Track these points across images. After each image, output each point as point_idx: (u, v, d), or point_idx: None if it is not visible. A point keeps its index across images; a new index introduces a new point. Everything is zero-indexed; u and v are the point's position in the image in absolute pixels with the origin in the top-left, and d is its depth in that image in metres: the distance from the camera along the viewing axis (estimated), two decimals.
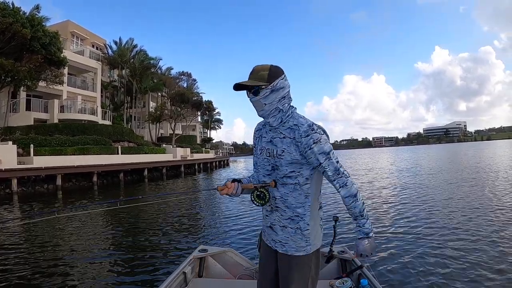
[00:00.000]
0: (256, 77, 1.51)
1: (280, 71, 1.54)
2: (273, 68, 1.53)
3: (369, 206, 9.07)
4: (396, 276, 4.09)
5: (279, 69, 1.54)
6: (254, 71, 1.53)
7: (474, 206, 8.20)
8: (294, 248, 1.57)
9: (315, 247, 1.59)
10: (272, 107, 1.53)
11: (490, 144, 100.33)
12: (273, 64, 1.55)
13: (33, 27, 17.55)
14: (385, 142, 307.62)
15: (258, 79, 1.51)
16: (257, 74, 1.51)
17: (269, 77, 1.50)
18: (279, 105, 1.54)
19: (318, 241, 1.62)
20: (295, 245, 1.57)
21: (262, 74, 1.51)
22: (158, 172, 24.36)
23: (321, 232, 1.65)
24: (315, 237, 1.60)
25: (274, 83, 1.51)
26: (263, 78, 1.50)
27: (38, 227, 7.80)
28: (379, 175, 18.86)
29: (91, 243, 6.18)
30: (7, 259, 5.33)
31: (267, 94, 1.51)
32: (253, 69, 1.54)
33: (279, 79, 1.52)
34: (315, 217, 1.60)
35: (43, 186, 15.97)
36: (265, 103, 1.53)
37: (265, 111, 1.55)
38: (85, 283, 4.19)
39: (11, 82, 18.09)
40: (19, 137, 17.37)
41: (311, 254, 1.58)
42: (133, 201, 9.52)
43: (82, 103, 26.80)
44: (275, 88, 1.51)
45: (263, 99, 1.52)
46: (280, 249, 1.62)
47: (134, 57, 34.12)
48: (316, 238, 1.60)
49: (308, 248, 1.57)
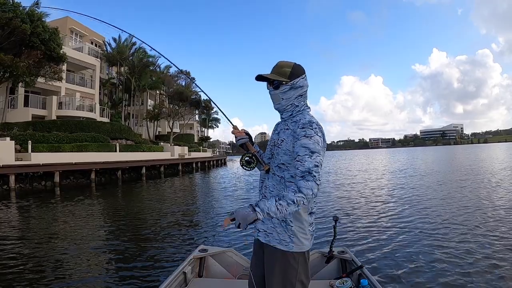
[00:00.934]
0: (279, 72, 1.59)
1: (301, 71, 1.62)
2: (296, 66, 1.61)
3: (369, 205, 9.14)
4: (396, 276, 4.11)
5: (301, 69, 1.62)
6: (278, 66, 1.61)
7: (474, 206, 8.28)
8: (277, 240, 1.57)
9: (299, 248, 1.56)
10: (289, 102, 1.62)
11: (486, 147, 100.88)
12: (296, 63, 1.62)
13: (32, 23, 17.51)
14: (382, 144, 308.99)
15: (280, 74, 1.59)
16: (280, 70, 1.59)
17: (291, 74, 1.58)
18: (295, 102, 1.62)
19: (304, 244, 1.57)
20: (278, 237, 1.57)
21: (285, 70, 1.59)
22: (156, 170, 24.35)
23: (309, 235, 1.60)
24: (301, 238, 1.56)
25: (294, 80, 1.59)
26: (285, 74, 1.58)
27: (33, 230, 7.78)
28: (378, 176, 18.91)
29: (90, 243, 6.15)
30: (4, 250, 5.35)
31: (286, 90, 1.60)
32: (278, 64, 1.62)
33: (300, 78, 1.60)
34: (299, 218, 1.56)
35: (41, 183, 15.92)
36: (283, 98, 1.62)
37: (281, 105, 1.64)
38: (84, 283, 4.17)
39: (10, 78, 17.99)
40: (17, 133, 17.29)
41: (295, 254, 1.56)
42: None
43: (80, 100, 26.70)
44: (295, 86, 1.59)
45: (281, 94, 1.61)
46: (263, 238, 1.64)
47: (133, 54, 34.01)
48: (302, 239, 1.56)
49: (291, 245, 1.55)
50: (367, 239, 5.81)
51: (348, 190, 12.85)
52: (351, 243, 5.47)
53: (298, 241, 1.55)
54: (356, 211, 8.45)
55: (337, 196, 11.36)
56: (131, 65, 33.39)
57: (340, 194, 11.88)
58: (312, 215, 1.62)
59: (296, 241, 1.55)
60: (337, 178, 18.38)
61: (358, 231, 6.38)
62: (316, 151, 1.45)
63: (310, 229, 1.61)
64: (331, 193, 12.04)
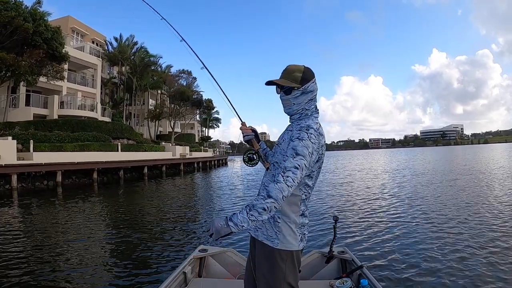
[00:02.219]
0: (289, 77, 1.56)
1: (312, 74, 1.59)
2: (306, 70, 1.58)
3: (369, 205, 9.09)
4: (396, 276, 4.09)
5: (311, 72, 1.59)
6: (288, 71, 1.58)
7: (475, 206, 8.22)
8: (265, 235, 1.58)
9: (285, 246, 1.53)
10: (300, 107, 1.60)
11: (487, 148, 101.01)
12: (305, 66, 1.60)
13: (35, 22, 17.42)
14: (382, 144, 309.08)
15: (291, 79, 1.56)
16: (291, 75, 1.56)
17: (302, 79, 1.56)
18: (306, 106, 1.60)
19: (291, 243, 1.54)
20: (266, 233, 1.58)
21: (295, 75, 1.56)
22: (158, 170, 24.31)
23: (298, 236, 1.57)
24: (288, 236, 1.54)
25: (306, 85, 1.56)
26: (296, 80, 1.56)
27: (35, 229, 7.73)
28: (378, 176, 18.84)
29: (91, 243, 6.13)
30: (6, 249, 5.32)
31: (297, 95, 1.57)
32: (287, 68, 1.59)
33: (311, 82, 1.58)
34: (288, 219, 1.55)
35: (43, 183, 15.86)
36: (294, 103, 1.59)
37: (292, 110, 1.62)
38: (84, 283, 4.16)
39: (12, 77, 17.93)
40: (18, 132, 17.20)
41: (282, 252, 1.53)
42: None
43: (82, 100, 26.65)
44: (306, 91, 1.57)
45: (293, 99, 1.59)
46: (253, 233, 1.66)
47: (135, 54, 33.97)
48: (288, 238, 1.54)
49: (276, 242, 1.54)
50: (367, 239, 5.78)
51: (348, 190, 12.82)
52: (351, 243, 5.46)
53: (284, 238, 1.54)
54: (356, 211, 8.44)
55: (337, 196, 11.34)
56: (132, 65, 33.33)
57: (340, 194, 11.87)
58: (303, 217, 1.60)
59: (282, 238, 1.54)
60: (337, 178, 18.32)
61: (358, 231, 6.36)
62: (302, 154, 1.42)
63: (300, 231, 1.58)
64: (331, 193, 12.01)
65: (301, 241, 1.58)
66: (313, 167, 1.53)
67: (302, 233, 1.60)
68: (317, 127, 1.53)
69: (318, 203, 9.61)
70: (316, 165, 1.55)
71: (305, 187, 1.56)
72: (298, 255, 1.60)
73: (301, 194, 1.56)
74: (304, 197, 1.58)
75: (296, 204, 1.56)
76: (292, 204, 1.55)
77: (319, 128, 1.55)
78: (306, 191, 1.57)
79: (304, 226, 1.61)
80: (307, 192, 1.58)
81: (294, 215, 1.55)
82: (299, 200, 1.56)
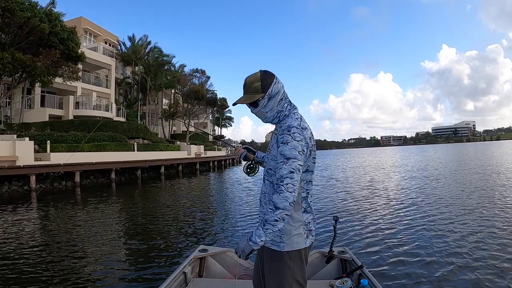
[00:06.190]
0: (251, 91, 1.54)
1: (271, 76, 1.55)
2: (263, 76, 1.54)
3: (369, 205, 9.05)
4: (396, 276, 4.09)
5: (269, 75, 1.55)
6: (247, 85, 1.55)
7: (476, 206, 8.20)
8: (270, 241, 1.57)
9: (291, 247, 1.56)
10: (274, 112, 1.58)
11: (499, 144, 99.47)
12: (262, 70, 1.56)
13: (50, 22, 17.33)
14: (393, 141, 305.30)
15: (253, 92, 1.54)
16: (251, 87, 1.54)
17: (263, 87, 1.53)
18: (279, 108, 1.58)
19: (296, 242, 1.56)
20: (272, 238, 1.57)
21: (256, 86, 1.53)
22: (174, 169, 24.21)
23: (303, 233, 1.58)
24: (293, 237, 1.55)
25: (269, 91, 1.53)
26: (258, 90, 1.53)
27: (53, 228, 7.55)
28: (384, 175, 18.38)
29: (90, 243, 6.16)
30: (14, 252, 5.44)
31: (265, 103, 1.55)
32: (246, 82, 1.56)
33: (273, 84, 1.54)
34: (291, 217, 1.52)
35: (61, 183, 15.77)
36: (266, 111, 1.58)
37: (268, 118, 1.60)
38: (84, 283, 4.16)
39: (28, 78, 17.89)
40: (35, 133, 17.13)
41: (288, 252, 1.56)
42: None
43: (97, 100, 26.65)
44: (272, 95, 1.55)
45: (263, 108, 1.57)
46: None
47: (149, 53, 33.90)
48: (293, 238, 1.56)
49: (282, 245, 1.56)
50: (367, 239, 5.78)
51: (348, 190, 12.68)
52: (351, 243, 5.48)
53: (289, 239, 1.55)
54: (356, 211, 8.39)
55: (337, 195, 11.23)
56: (146, 65, 33.24)
57: (340, 193, 11.78)
58: (307, 214, 1.61)
59: (287, 239, 1.55)
60: (337, 178, 17.94)
61: (358, 231, 6.36)
62: (292, 157, 1.43)
63: (305, 228, 1.59)
64: (332, 193, 11.92)
65: (307, 237, 1.59)
66: (308, 161, 1.55)
67: (308, 229, 1.61)
68: (298, 123, 1.51)
69: (318, 203, 9.53)
70: (310, 158, 1.56)
71: (304, 183, 1.57)
72: (306, 252, 1.61)
73: (301, 192, 1.58)
74: (305, 194, 1.60)
75: (298, 203, 1.56)
76: (295, 203, 1.54)
77: (301, 123, 1.53)
78: (306, 186, 1.59)
79: (309, 222, 1.62)
80: (307, 187, 1.60)
81: (296, 214, 1.56)
82: (299, 198, 1.57)
